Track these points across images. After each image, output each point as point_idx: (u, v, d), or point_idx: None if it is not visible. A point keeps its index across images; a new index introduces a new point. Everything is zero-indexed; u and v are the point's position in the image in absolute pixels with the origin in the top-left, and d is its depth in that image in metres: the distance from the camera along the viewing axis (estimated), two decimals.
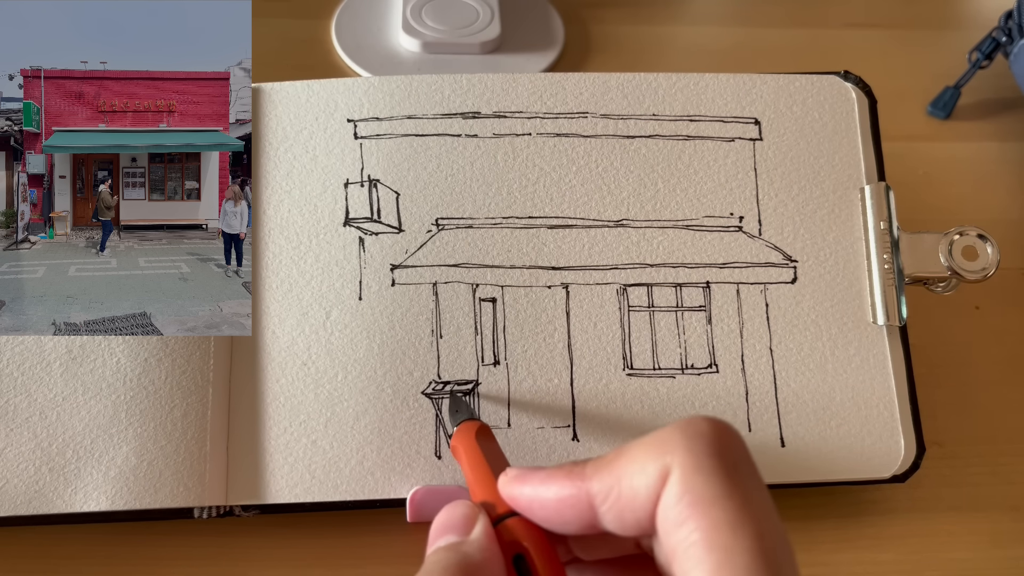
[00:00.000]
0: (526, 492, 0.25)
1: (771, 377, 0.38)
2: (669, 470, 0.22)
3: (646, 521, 0.23)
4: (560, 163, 0.39)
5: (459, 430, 0.31)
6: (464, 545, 0.25)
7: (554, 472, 0.25)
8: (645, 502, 0.22)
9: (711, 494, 0.21)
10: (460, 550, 0.24)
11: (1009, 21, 0.54)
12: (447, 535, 0.25)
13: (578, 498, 0.24)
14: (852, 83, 0.41)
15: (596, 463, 0.24)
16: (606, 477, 0.23)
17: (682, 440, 0.22)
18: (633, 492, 0.23)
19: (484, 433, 0.31)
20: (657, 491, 0.22)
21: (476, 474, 0.29)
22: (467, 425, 0.31)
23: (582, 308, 0.38)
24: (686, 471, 0.22)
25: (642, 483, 0.22)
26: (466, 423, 0.32)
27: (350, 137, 0.39)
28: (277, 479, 0.35)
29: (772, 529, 0.21)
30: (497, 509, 0.26)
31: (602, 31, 0.60)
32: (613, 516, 0.23)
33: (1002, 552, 0.38)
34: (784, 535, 0.21)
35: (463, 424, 0.32)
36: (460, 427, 0.32)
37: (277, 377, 0.36)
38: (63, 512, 0.34)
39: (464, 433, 0.31)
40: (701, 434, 0.22)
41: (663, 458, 0.22)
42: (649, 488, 0.22)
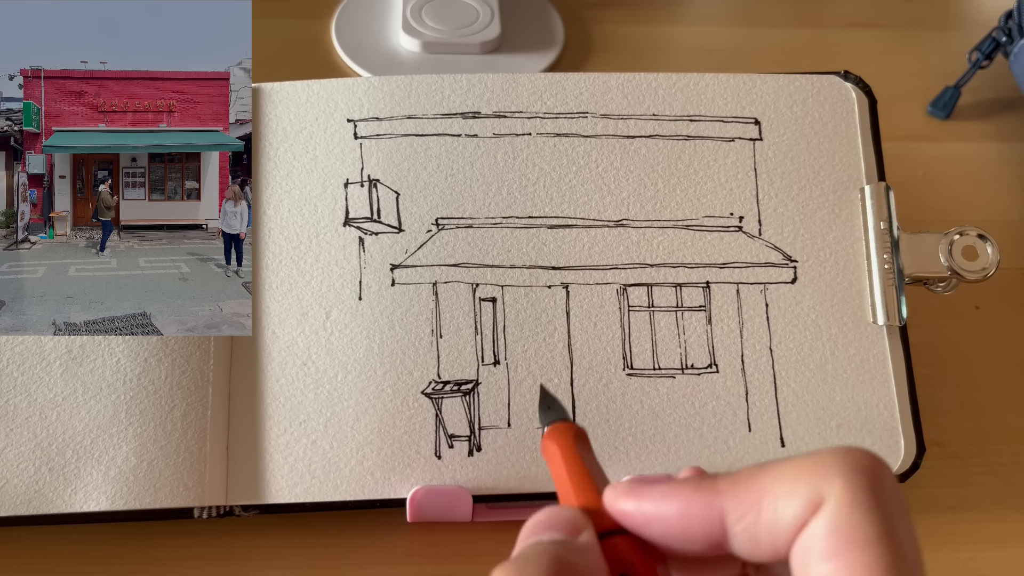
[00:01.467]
0: (645, 507, 0.23)
1: (771, 377, 0.38)
2: (822, 500, 0.21)
3: (783, 548, 0.21)
4: (560, 163, 0.39)
5: (553, 430, 0.28)
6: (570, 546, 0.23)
7: (678, 485, 0.23)
8: (788, 529, 0.21)
9: (867, 534, 0.20)
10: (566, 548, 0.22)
11: (1009, 21, 0.54)
12: (550, 532, 0.23)
13: (708, 515, 0.22)
14: (852, 83, 0.41)
15: (731, 479, 0.23)
16: (744, 495, 0.22)
17: (841, 471, 0.21)
18: (776, 516, 0.21)
19: (583, 438, 0.28)
20: (804, 520, 0.21)
21: (576, 482, 0.26)
22: (563, 426, 0.28)
23: (582, 308, 0.38)
24: (843, 505, 0.20)
25: (789, 508, 0.21)
26: (562, 424, 0.28)
27: (350, 137, 0.39)
28: (277, 479, 0.35)
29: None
30: (599, 524, 0.24)
31: (602, 31, 0.60)
32: (747, 538, 0.22)
33: (1002, 552, 0.38)
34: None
35: (558, 424, 0.28)
36: (555, 426, 0.28)
37: (277, 377, 0.36)
38: (63, 512, 0.34)
39: (561, 434, 0.28)
40: (862, 468, 0.21)
41: (818, 486, 0.21)
42: (796, 515, 0.21)
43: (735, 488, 0.22)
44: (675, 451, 0.36)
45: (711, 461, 0.36)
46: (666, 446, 0.36)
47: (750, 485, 0.22)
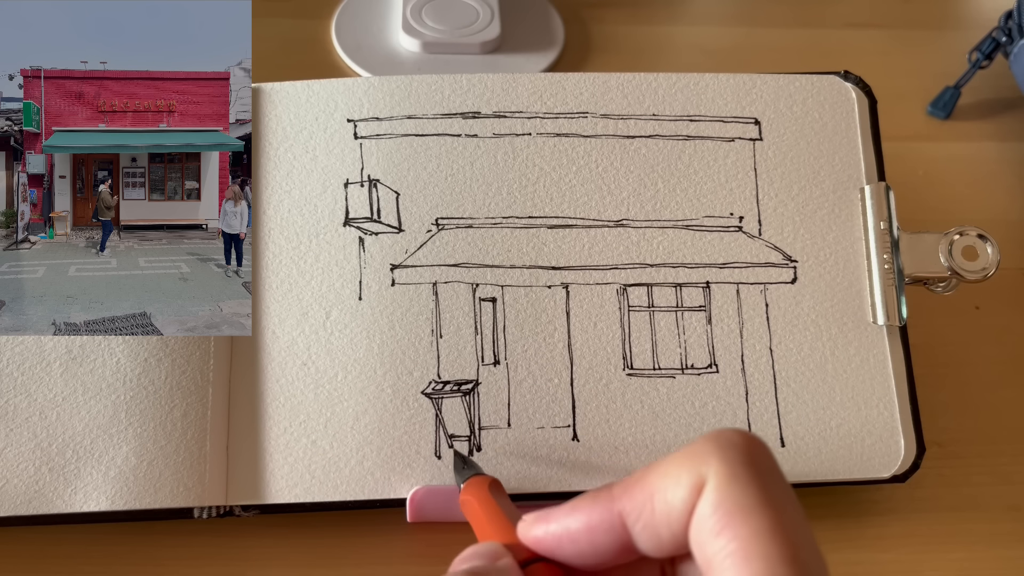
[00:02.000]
0: (552, 528, 0.24)
1: (771, 377, 0.38)
2: (704, 480, 0.22)
3: (681, 535, 0.22)
4: (560, 163, 0.39)
5: (469, 483, 0.32)
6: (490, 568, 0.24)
7: (577, 502, 0.24)
8: (680, 515, 0.22)
9: (748, 503, 0.21)
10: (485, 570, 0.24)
11: (1009, 21, 0.54)
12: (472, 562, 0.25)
13: (610, 521, 0.23)
14: (852, 83, 0.41)
15: (623, 483, 0.24)
16: (637, 494, 0.23)
17: (716, 451, 0.22)
18: (667, 506, 0.22)
19: (496, 487, 0.31)
20: (692, 503, 0.22)
21: (493, 524, 0.28)
22: (478, 479, 0.32)
23: (582, 308, 0.38)
24: (722, 481, 0.22)
25: (676, 495, 0.22)
26: (477, 477, 0.32)
27: (350, 137, 0.39)
28: (277, 479, 0.35)
29: (807, 539, 0.21)
30: (519, 556, 0.25)
31: (602, 31, 0.60)
32: (648, 534, 0.23)
33: (1002, 552, 0.38)
34: (816, 546, 0.21)
35: (474, 478, 0.32)
36: (471, 481, 0.32)
37: (277, 377, 0.36)
38: (63, 512, 0.34)
39: (476, 486, 0.31)
40: (734, 445, 0.22)
41: (697, 469, 0.22)
42: (684, 500, 0.22)
43: (628, 490, 0.23)
44: (675, 451, 0.36)
45: None
46: (666, 446, 0.36)
47: (641, 484, 0.23)
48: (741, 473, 0.22)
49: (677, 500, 0.22)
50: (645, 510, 0.23)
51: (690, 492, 0.22)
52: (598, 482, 0.36)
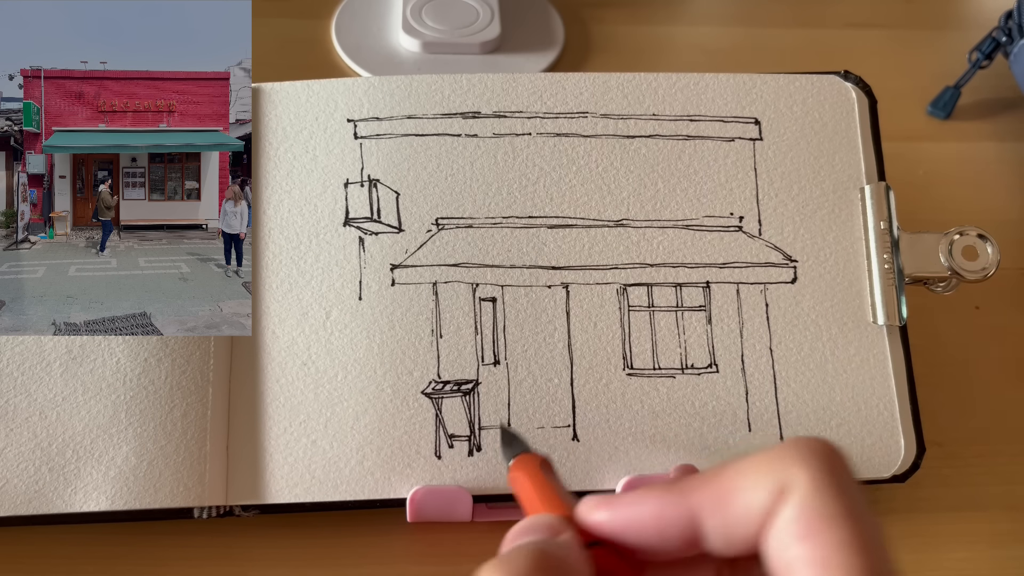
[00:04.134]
0: (619, 514, 0.24)
1: (771, 377, 0.38)
2: (787, 487, 0.22)
3: (754, 539, 0.22)
4: (560, 163, 0.39)
5: (520, 460, 0.30)
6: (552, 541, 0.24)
7: (649, 491, 0.24)
8: (757, 517, 0.22)
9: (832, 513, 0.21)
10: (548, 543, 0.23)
11: (1009, 21, 0.54)
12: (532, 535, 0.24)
13: (681, 515, 0.23)
14: (852, 83, 0.41)
15: (699, 478, 0.24)
16: (713, 492, 0.23)
17: (800, 458, 0.22)
18: (746, 508, 0.22)
19: (548, 466, 0.30)
20: (770, 507, 0.22)
21: (547, 502, 0.27)
22: (529, 456, 0.30)
23: (582, 308, 0.38)
24: (808, 489, 0.22)
25: (756, 498, 0.22)
26: (528, 454, 0.30)
27: (350, 137, 0.39)
28: (277, 479, 0.35)
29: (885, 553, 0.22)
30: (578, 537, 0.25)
31: (602, 31, 0.60)
32: (721, 532, 0.23)
33: (1002, 552, 0.38)
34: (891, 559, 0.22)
35: (524, 455, 0.30)
36: (522, 457, 0.30)
37: (277, 377, 0.36)
38: (63, 512, 0.34)
39: (528, 463, 0.30)
40: (818, 453, 0.22)
41: (780, 475, 0.22)
42: (763, 504, 0.22)
43: (704, 486, 0.23)
44: (675, 451, 0.36)
45: (711, 461, 0.36)
46: (666, 446, 0.36)
47: (718, 482, 0.23)
48: (826, 482, 0.22)
49: (756, 503, 0.22)
50: (720, 508, 0.23)
51: (771, 497, 0.22)
52: (598, 482, 0.36)
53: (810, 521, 0.22)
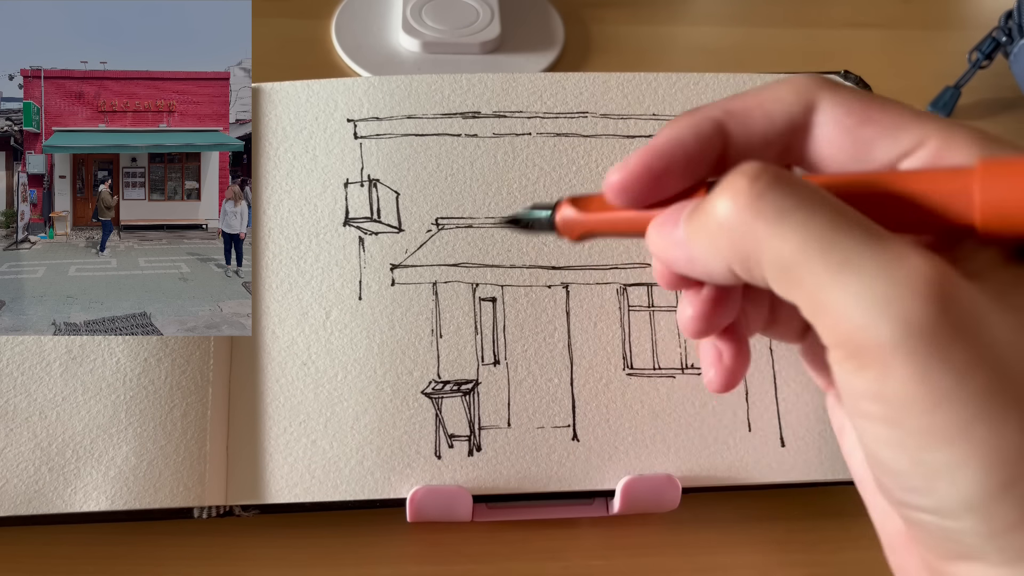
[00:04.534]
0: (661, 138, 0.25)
1: (771, 377, 0.38)
2: (813, 102, 0.24)
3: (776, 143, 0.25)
4: (560, 163, 0.39)
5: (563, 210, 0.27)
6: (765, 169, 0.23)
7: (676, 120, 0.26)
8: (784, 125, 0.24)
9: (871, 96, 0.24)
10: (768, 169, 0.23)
11: (1009, 21, 0.54)
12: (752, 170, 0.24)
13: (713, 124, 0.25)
14: (852, 83, 0.41)
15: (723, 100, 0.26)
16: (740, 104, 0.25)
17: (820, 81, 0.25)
18: (769, 117, 0.24)
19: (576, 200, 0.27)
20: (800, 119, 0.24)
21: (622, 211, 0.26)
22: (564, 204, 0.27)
23: (582, 308, 0.38)
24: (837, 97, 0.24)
25: (781, 108, 0.24)
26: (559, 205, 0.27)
27: (350, 137, 0.39)
28: (277, 479, 0.35)
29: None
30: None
31: (602, 31, 0.60)
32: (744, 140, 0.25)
33: None
34: None
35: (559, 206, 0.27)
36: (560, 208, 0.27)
37: (277, 377, 0.36)
38: (63, 512, 0.34)
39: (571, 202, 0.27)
40: (832, 81, 0.25)
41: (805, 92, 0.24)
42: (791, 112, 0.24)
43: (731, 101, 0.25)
44: (675, 451, 0.36)
45: (711, 461, 0.36)
46: (666, 446, 0.36)
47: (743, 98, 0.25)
48: (845, 86, 0.24)
49: (781, 112, 0.24)
50: (747, 118, 0.25)
51: (800, 108, 0.24)
52: (598, 482, 0.36)
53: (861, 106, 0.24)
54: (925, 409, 0.19)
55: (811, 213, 0.20)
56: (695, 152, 0.25)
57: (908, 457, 0.20)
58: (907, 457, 0.20)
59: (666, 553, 0.36)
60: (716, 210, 0.21)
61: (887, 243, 0.19)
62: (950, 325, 0.18)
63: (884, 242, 0.19)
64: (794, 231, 0.20)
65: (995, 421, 0.18)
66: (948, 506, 0.20)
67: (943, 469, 0.19)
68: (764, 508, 0.38)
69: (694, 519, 0.37)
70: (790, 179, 0.21)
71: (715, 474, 0.36)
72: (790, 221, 0.20)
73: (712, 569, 0.36)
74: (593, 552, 0.36)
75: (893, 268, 0.19)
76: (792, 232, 0.20)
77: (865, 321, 0.19)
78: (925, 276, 0.19)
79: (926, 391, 0.19)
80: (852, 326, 0.19)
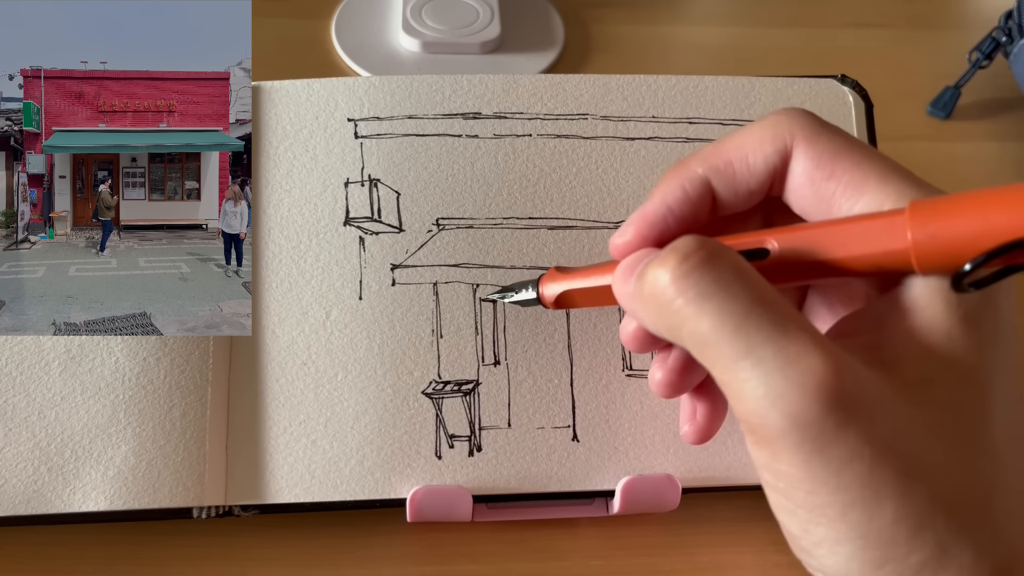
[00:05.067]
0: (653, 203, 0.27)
1: None
2: (789, 144, 0.25)
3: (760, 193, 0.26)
4: (560, 164, 0.39)
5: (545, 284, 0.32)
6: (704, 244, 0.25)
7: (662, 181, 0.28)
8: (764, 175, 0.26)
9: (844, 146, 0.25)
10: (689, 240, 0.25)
11: (1009, 21, 0.54)
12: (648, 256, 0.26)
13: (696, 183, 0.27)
14: (849, 87, 0.41)
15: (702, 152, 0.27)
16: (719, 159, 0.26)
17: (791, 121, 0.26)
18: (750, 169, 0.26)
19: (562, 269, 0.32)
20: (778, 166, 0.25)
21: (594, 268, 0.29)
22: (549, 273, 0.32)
23: (582, 309, 0.38)
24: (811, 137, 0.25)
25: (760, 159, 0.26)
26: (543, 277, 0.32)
27: (350, 136, 0.39)
28: (277, 479, 0.35)
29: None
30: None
31: (602, 31, 0.60)
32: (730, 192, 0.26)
33: None
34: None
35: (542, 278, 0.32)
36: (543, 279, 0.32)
37: (277, 377, 0.36)
38: (62, 512, 0.34)
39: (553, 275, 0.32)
40: (804, 114, 0.26)
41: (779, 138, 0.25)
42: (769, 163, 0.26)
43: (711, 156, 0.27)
44: (675, 451, 0.36)
45: (710, 461, 0.36)
46: (666, 446, 0.36)
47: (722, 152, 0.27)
48: (824, 128, 0.25)
49: (761, 163, 0.26)
50: (728, 173, 0.26)
51: (777, 156, 0.25)
52: (598, 482, 0.36)
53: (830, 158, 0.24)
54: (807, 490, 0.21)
55: (728, 298, 0.22)
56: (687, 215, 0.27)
57: (798, 524, 0.22)
58: (797, 524, 0.22)
59: (666, 553, 0.36)
60: (650, 279, 0.23)
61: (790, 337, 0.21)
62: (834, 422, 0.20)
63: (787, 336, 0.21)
64: (709, 314, 0.22)
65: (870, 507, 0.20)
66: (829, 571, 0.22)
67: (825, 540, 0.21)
68: (764, 508, 0.37)
69: (694, 519, 0.37)
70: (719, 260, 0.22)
71: (715, 474, 0.36)
72: (708, 304, 0.22)
73: (712, 569, 0.36)
74: (593, 552, 0.36)
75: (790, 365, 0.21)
76: (708, 314, 0.22)
77: (760, 408, 0.21)
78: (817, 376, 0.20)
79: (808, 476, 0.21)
80: (749, 409, 0.21)
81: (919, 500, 0.20)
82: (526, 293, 0.33)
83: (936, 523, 0.20)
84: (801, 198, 0.26)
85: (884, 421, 0.21)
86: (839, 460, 0.20)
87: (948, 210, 0.22)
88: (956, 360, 0.22)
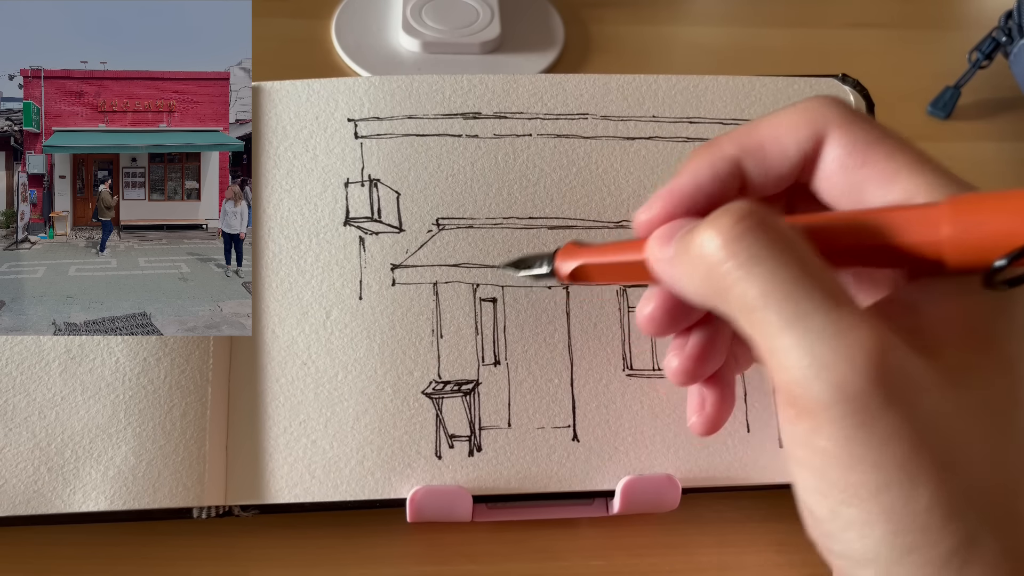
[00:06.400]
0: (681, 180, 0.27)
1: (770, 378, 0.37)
2: (824, 130, 0.25)
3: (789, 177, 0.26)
4: (560, 164, 0.39)
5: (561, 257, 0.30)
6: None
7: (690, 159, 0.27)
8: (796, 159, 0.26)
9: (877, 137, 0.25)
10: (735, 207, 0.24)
11: (1009, 21, 0.54)
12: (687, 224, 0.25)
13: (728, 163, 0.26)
14: (849, 86, 0.41)
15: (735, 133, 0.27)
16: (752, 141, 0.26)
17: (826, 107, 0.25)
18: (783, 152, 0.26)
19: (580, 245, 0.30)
20: (810, 152, 0.25)
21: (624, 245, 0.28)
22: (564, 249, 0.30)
23: (582, 308, 0.38)
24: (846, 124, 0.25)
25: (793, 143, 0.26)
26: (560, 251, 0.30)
27: (350, 136, 0.39)
28: (277, 479, 0.35)
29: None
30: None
31: (602, 31, 0.60)
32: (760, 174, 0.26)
33: None
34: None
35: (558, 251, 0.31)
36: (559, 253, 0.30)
37: (277, 377, 0.36)
38: (62, 512, 0.34)
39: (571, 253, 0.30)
40: (840, 102, 0.26)
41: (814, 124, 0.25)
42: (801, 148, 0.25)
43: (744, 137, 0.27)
44: (675, 451, 0.36)
45: (710, 462, 0.36)
46: (666, 446, 0.36)
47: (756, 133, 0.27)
48: (859, 118, 0.25)
49: (793, 147, 0.25)
50: (760, 155, 0.26)
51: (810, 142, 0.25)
52: (598, 482, 0.36)
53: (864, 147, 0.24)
54: (845, 467, 0.21)
55: (780, 263, 0.21)
56: (715, 193, 0.26)
57: (827, 506, 0.22)
58: (826, 505, 0.22)
59: (666, 553, 0.36)
60: (698, 241, 0.23)
61: (841, 310, 0.21)
62: (881, 397, 0.20)
63: (839, 308, 0.21)
64: (761, 277, 0.21)
65: (906, 490, 0.20)
66: (855, 556, 0.21)
67: (854, 523, 0.21)
68: (764, 508, 0.38)
69: (694, 519, 0.37)
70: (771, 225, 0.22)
71: (714, 474, 0.36)
72: (759, 267, 0.21)
73: (712, 569, 0.36)
74: (593, 552, 0.36)
75: (839, 335, 0.20)
76: (759, 278, 0.21)
77: (804, 378, 0.20)
78: (866, 349, 0.20)
79: (847, 452, 0.20)
80: (792, 378, 0.21)
81: (954, 488, 0.20)
82: (539, 267, 0.31)
83: (968, 514, 0.20)
84: (832, 185, 0.25)
85: (926, 404, 0.20)
86: (880, 438, 0.20)
87: (987, 206, 0.22)
88: (995, 349, 0.22)
